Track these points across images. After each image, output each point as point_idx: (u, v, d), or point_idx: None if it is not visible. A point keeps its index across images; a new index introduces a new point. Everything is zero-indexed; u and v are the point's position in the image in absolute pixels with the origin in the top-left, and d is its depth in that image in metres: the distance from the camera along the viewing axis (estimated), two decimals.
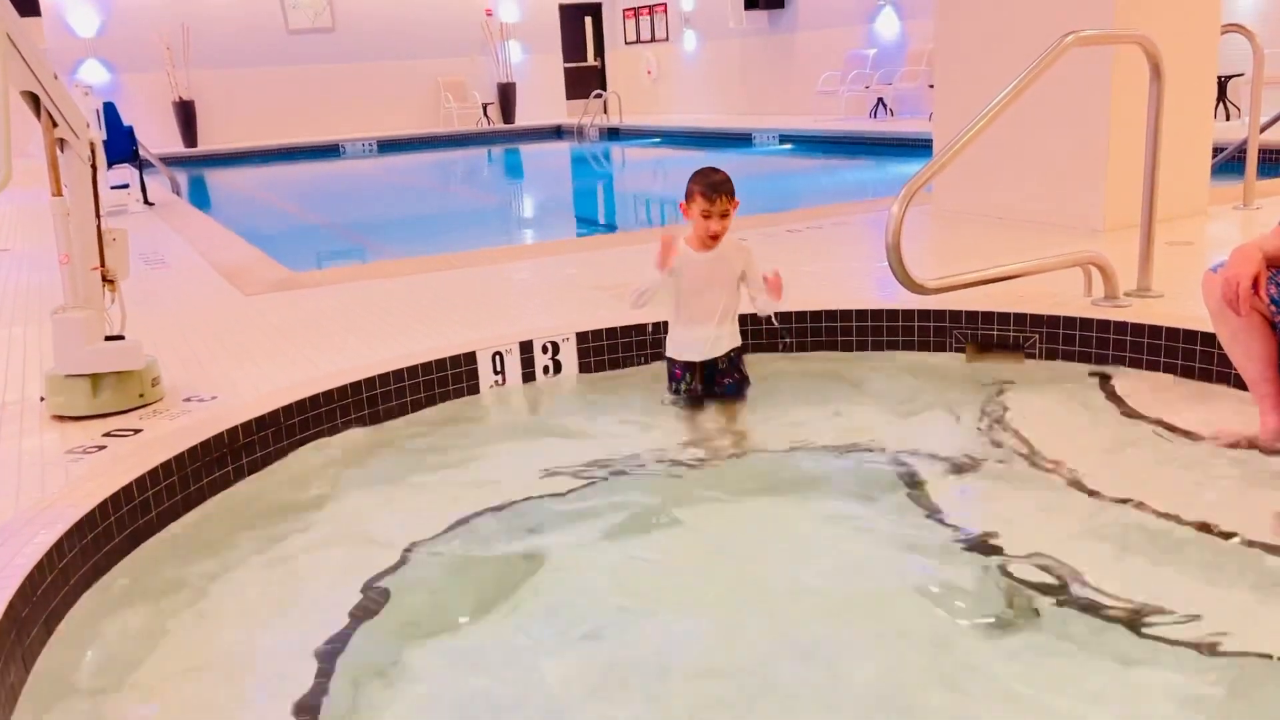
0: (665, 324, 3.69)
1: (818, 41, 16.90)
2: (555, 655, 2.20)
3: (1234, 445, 3.02)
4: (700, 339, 3.51)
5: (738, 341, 3.60)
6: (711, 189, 3.33)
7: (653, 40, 21.23)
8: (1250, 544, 2.49)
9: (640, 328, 3.99)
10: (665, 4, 20.60)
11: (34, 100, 3.14)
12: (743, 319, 3.70)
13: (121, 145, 9.53)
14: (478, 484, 3.06)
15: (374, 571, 2.56)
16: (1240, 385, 3.17)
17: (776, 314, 3.70)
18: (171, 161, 12.71)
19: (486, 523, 2.82)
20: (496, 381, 3.83)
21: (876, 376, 3.84)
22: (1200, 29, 5.63)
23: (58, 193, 3.24)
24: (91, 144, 3.27)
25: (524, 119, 19.57)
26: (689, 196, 3.37)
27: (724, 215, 3.37)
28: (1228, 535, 2.52)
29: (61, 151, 3.23)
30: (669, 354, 3.60)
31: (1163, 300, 3.97)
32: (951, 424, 3.37)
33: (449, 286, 5.10)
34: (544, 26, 20.47)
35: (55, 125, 3.17)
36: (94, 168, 3.27)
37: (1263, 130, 6.33)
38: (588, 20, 22.42)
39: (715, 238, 3.39)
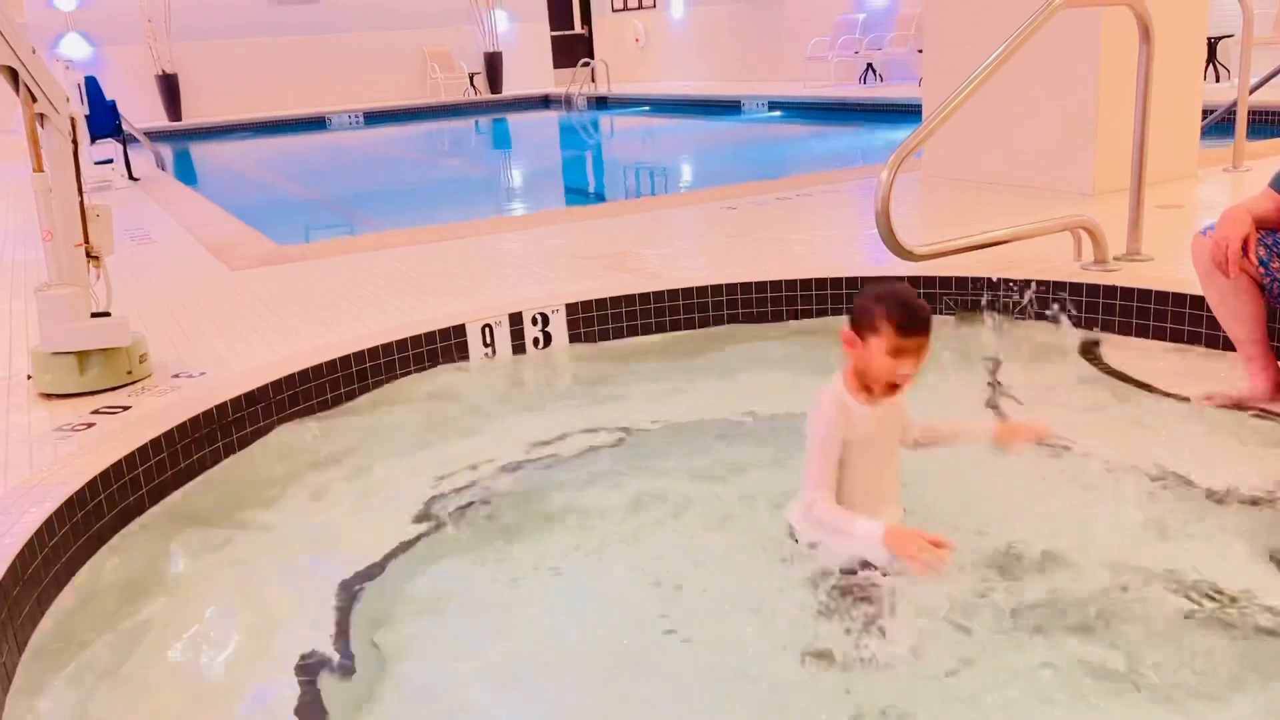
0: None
1: (806, 7, 16.76)
2: (549, 622, 2.20)
3: (1223, 405, 3.03)
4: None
5: None
6: (913, 324, 2.16)
7: (640, 7, 21.04)
8: (1242, 501, 2.50)
9: (629, 298, 3.98)
10: None
11: (12, 75, 3.10)
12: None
13: (104, 120, 9.43)
14: (467, 456, 3.06)
15: (364, 545, 2.56)
16: (1229, 347, 3.18)
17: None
18: (155, 136, 12.60)
19: (476, 494, 2.82)
20: (486, 354, 3.82)
21: None
22: None
23: (39, 168, 3.21)
24: (72, 119, 3.23)
25: (511, 88, 19.41)
26: (868, 323, 2.19)
27: (920, 359, 2.23)
28: (1219, 493, 2.54)
29: (42, 127, 3.19)
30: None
31: (1152, 264, 3.97)
32: (942, 389, 3.36)
33: (437, 259, 5.07)
34: None
35: (35, 100, 3.13)
36: (75, 143, 3.23)
37: (1252, 92, 6.30)
38: None
39: (897, 388, 2.25)
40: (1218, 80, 11.21)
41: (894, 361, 2.16)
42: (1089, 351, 3.60)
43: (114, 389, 3.29)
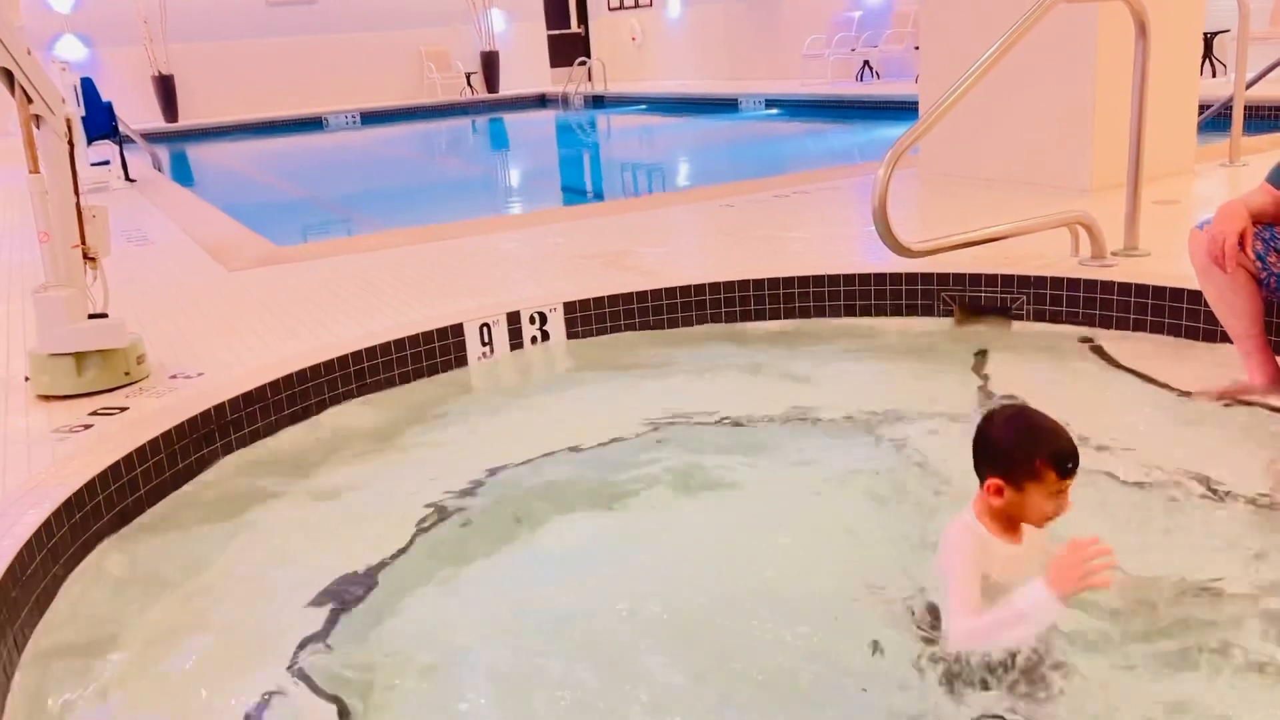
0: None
1: (803, 4, 16.76)
2: (548, 625, 2.20)
3: (1221, 400, 3.03)
4: None
5: None
6: (1074, 463, 1.94)
7: (636, 6, 21.03)
8: (1240, 495, 2.50)
9: (626, 296, 3.98)
10: None
11: (8, 77, 3.09)
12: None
13: (101, 121, 9.42)
14: (465, 455, 3.06)
15: (365, 546, 2.55)
16: (1226, 341, 3.18)
17: None
18: (152, 137, 12.59)
19: (475, 493, 2.82)
20: (484, 353, 3.82)
21: (865, 341, 3.84)
22: None
23: (35, 170, 3.21)
24: (68, 120, 3.23)
25: (508, 88, 19.41)
26: (1026, 472, 1.95)
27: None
28: (1218, 487, 2.54)
29: (38, 128, 3.19)
30: None
31: (1150, 259, 3.97)
32: (941, 386, 3.37)
33: (435, 258, 5.07)
34: None
35: (31, 102, 3.13)
36: (71, 144, 3.23)
37: (1249, 86, 6.31)
38: None
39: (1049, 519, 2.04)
40: (1214, 75, 11.21)
41: (1056, 500, 1.96)
42: (1087, 346, 3.60)
43: (111, 390, 3.29)
